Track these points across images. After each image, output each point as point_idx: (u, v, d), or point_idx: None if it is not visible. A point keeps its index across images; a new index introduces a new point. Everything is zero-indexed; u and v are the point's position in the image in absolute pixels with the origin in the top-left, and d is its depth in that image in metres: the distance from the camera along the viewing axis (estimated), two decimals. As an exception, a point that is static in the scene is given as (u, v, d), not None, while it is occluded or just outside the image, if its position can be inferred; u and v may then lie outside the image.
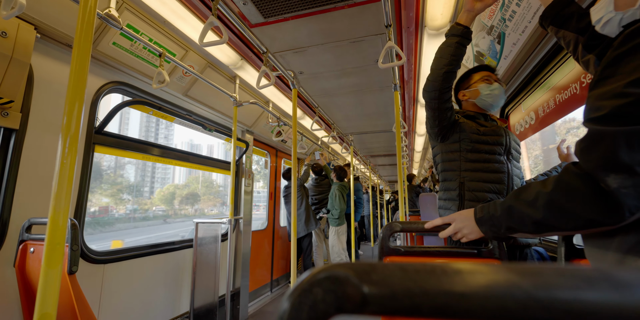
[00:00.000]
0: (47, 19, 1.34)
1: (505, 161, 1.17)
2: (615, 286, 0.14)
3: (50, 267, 0.62)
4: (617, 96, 0.46)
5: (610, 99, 0.47)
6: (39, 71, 1.41)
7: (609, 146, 0.46)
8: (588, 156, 0.49)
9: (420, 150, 5.78)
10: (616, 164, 0.45)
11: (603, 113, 0.48)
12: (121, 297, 1.76)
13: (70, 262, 1.04)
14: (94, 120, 1.67)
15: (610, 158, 0.46)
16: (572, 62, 1.50)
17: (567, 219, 0.52)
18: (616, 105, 0.46)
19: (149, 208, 53.11)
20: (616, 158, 0.45)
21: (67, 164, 0.69)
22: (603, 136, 0.47)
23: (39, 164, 1.40)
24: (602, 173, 0.47)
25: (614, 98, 0.47)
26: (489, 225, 0.67)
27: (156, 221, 39.15)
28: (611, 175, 0.46)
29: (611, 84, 0.48)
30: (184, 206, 53.76)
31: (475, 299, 0.15)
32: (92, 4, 0.78)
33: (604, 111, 0.47)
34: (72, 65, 0.74)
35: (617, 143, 0.45)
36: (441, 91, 1.13)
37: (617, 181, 0.45)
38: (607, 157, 0.46)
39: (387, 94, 2.92)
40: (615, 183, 0.45)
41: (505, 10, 1.50)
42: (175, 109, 2.19)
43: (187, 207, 53.88)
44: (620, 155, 0.45)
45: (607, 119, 0.47)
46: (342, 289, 0.17)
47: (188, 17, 1.68)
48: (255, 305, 3.17)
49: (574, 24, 0.76)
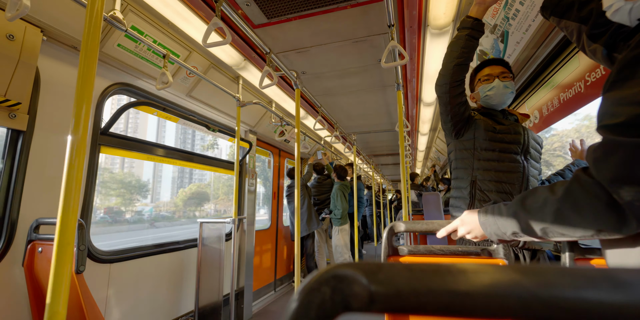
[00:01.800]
0: (53, 21, 1.35)
1: (522, 161, 1.12)
2: (617, 286, 0.14)
3: (60, 267, 0.63)
4: (636, 104, 0.44)
5: (629, 106, 0.45)
6: (46, 73, 1.43)
7: (623, 158, 0.44)
8: (601, 166, 0.47)
9: (424, 150, 5.76)
10: (630, 177, 0.44)
11: (619, 121, 0.46)
12: (127, 296, 1.78)
13: (77, 261, 1.06)
14: (100, 121, 1.69)
15: (625, 170, 0.44)
16: (576, 60, 1.49)
17: (576, 228, 0.51)
18: (634, 114, 0.44)
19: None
20: (631, 170, 0.44)
21: (75, 164, 0.70)
22: (618, 146, 0.45)
23: (46, 165, 1.42)
24: (616, 185, 0.45)
25: (633, 105, 0.45)
26: (494, 229, 0.66)
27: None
28: (625, 188, 0.44)
29: (630, 88, 0.46)
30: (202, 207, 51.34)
31: (479, 298, 0.15)
32: (99, 7, 0.79)
33: (621, 119, 0.45)
34: (79, 67, 0.75)
35: (633, 155, 0.43)
36: (452, 85, 1.11)
37: (630, 194, 0.44)
38: (621, 169, 0.45)
39: (390, 93, 2.92)
40: (629, 196, 0.44)
41: (508, 9, 1.50)
42: (179, 109, 2.21)
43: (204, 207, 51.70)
44: (636, 168, 0.43)
45: (624, 128, 0.45)
46: (350, 287, 0.17)
47: (192, 18, 1.69)
48: (259, 305, 3.19)
49: (575, 13, 0.73)
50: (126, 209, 41.49)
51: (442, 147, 4.91)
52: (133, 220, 34.80)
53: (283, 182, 4.15)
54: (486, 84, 1.20)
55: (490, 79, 1.20)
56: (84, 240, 1.08)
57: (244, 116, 2.78)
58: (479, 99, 1.25)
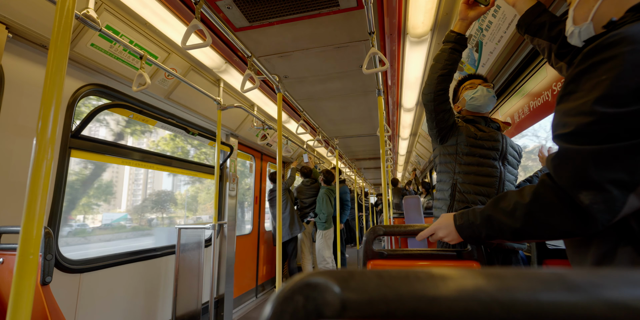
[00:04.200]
0: (20, 18, 1.28)
1: (499, 166, 1.20)
2: (568, 288, 0.16)
3: (22, 279, 0.59)
4: (581, 114, 0.49)
5: (575, 116, 0.50)
6: (10, 72, 1.35)
7: (578, 165, 0.48)
8: (560, 173, 0.51)
9: (404, 154, 5.89)
10: (586, 182, 0.48)
11: (569, 130, 0.50)
12: (98, 308, 1.69)
13: (43, 272, 1.00)
14: (70, 124, 1.61)
15: (581, 176, 0.48)
16: (544, 70, 1.58)
17: (544, 230, 0.55)
18: (582, 123, 0.48)
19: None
20: (586, 176, 0.48)
21: (41, 169, 0.66)
22: (572, 155, 0.49)
23: (9, 170, 1.33)
24: (575, 190, 0.49)
25: (579, 115, 0.49)
26: (469, 232, 0.69)
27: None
28: (583, 192, 0.48)
29: (574, 100, 0.51)
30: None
31: (445, 303, 0.16)
32: (69, 5, 0.76)
33: (570, 128, 0.50)
34: (47, 67, 0.71)
35: (586, 162, 0.47)
36: (436, 93, 1.19)
37: (588, 197, 0.48)
38: (578, 175, 0.49)
39: (371, 98, 2.97)
40: (587, 199, 0.48)
41: (482, 21, 1.57)
42: (156, 112, 2.14)
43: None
44: (590, 173, 0.47)
45: (574, 136, 0.49)
46: (322, 296, 0.17)
47: (171, 19, 1.65)
48: (240, 312, 3.11)
49: (546, 33, 0.80)
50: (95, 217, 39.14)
51: (422, 152, 5.04)
52: (113, 227, 32.86)
53: (265, 186, 4.11)
54: (471, 90, 1.30)
55: (474, 86, 1.31)
56: (51, 250, 1.02)
57: (225, 120, 2.74)
58: (463, 105, 1.34)
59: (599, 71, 0.48)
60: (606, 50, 0.48)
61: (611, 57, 0.47)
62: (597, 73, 0.49)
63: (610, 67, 0.47)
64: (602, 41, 0.49)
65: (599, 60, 0.49)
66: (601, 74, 0.48)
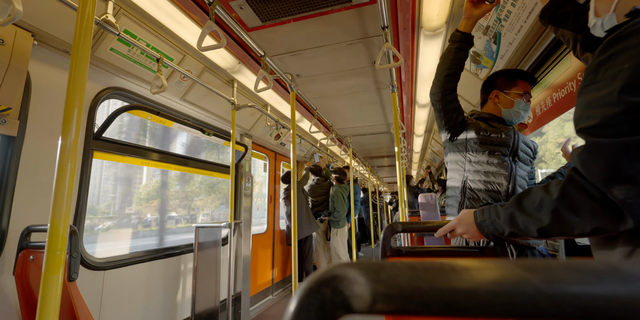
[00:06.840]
0: (44, 25, 1.34)
1: (509, 162, 1.17)
2: (623, 279, 0.14)
3: (50, 275, 0.61)
4: (607, 105, 0.47)
5: (600, 108, 0.48)
6: (37, 78, 1.41)
7: (609, 158, 0.46)
8: (590, 168, 0.49)
9: (419, 151, 5.79)
10: (619, 176, 0.45)
11: (595, 122, 0.48)
12: (121, 303, 1.74)
13: (70, 269, 1.03)
14: (93, 126, 1.67)
15: (613, 170, 0.46)
16: (568, 60, 1.51)
17: (574, 227, 0.52)
18: (608, 115, 0.46)
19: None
20: (618, 170, 0.45)
21: (66, 170, 0.68)
22: (602, 148, 0.47)
23: (37, 171, 1.39)
24: (607, 185, 0.47)
25: (604, 107, 0.47)
26: (491, 229, 0.68)
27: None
28: (616, 187, 0.46)
29: (597, 91, 0.49)
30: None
31: (485, 296, 0.15)
32: (90, 11, 0.78)
33: (596, 121, 0.48)
34: (70, 72, 0.74)
35: (618, 155, 0.45)
36: (443, 93, 1.18)
37: (622, 192, 0.45)
38: (610, 169, 0.46)
39: (385, 95, 2.93)
40: (621, 194, 0.45)
41: (500, 11, 1.52)
42: (173, 113, 2.19)
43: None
44: (622, 167, 0.45)
45: (601, 129, 0.47)
46: (350, 288, 0.17)
47: (185, 21, 1.68)
48: (257, 309, 3.15)
49: (571, 23, 0.77)
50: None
51: (437, 149, 4.94)
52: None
53: (279, 186, 4.13)
54: (525, 102, 1.20)
55: (528, 99, 1.20)
56: (77, 247, 1.06)
57: (239, 119, 2.77)
58: (504, 105, 1.22)
59: (619, 60, 0.46)
60: (627, 38, 0.46)
61: (634, 46, 0.45)
62: (618, 62, 0.47)
63: (632, 55, 0.45)
64: (624, 30, 0.47)
65: (620, 49, 0.47)
66: (623, 63, 0.46)
